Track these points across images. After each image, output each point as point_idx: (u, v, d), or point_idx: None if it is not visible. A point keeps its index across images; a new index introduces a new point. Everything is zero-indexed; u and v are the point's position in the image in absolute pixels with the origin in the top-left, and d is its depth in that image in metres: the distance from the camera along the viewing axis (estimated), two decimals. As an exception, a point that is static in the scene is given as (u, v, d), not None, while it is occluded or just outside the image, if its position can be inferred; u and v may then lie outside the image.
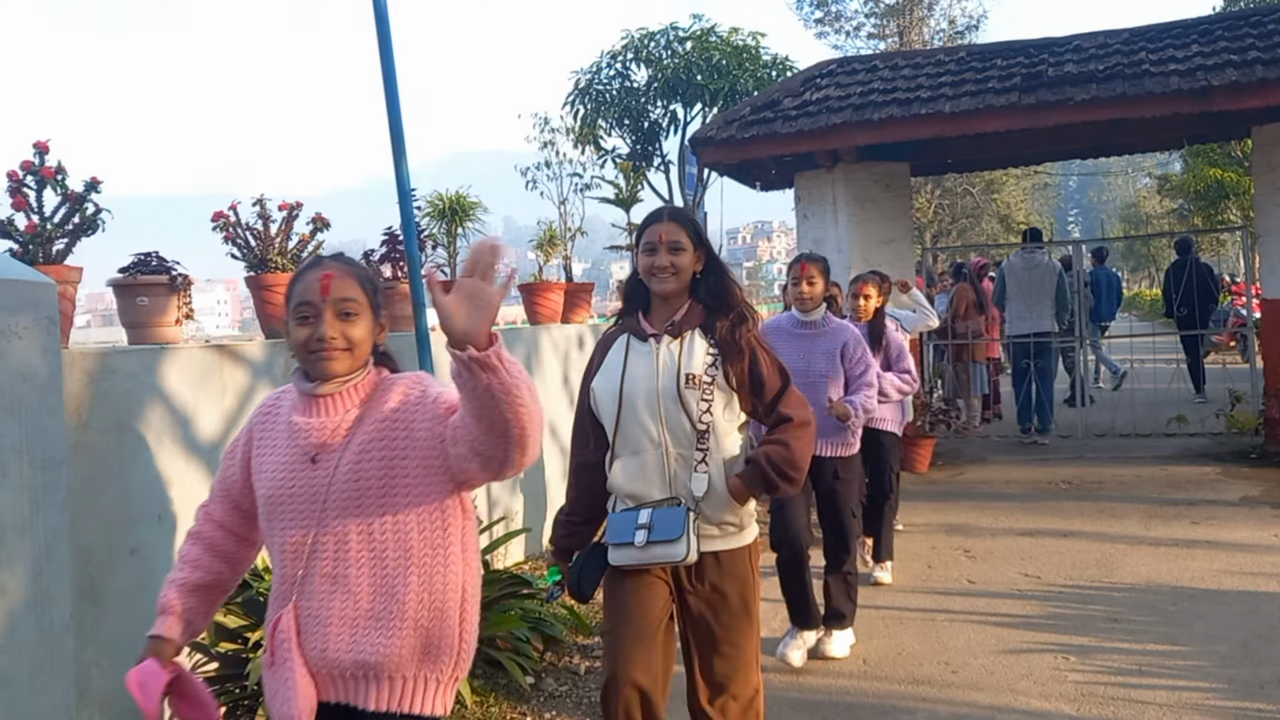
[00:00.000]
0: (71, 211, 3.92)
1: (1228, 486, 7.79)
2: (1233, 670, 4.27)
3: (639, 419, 2.92)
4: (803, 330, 4.72)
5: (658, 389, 2.91)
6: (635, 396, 2.92)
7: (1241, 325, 14.54)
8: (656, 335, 2.97)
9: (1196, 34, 8.61)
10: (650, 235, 2.97)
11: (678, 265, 2.94)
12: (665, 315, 3.00)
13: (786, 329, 4.75)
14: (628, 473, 2.95)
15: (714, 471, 2.91)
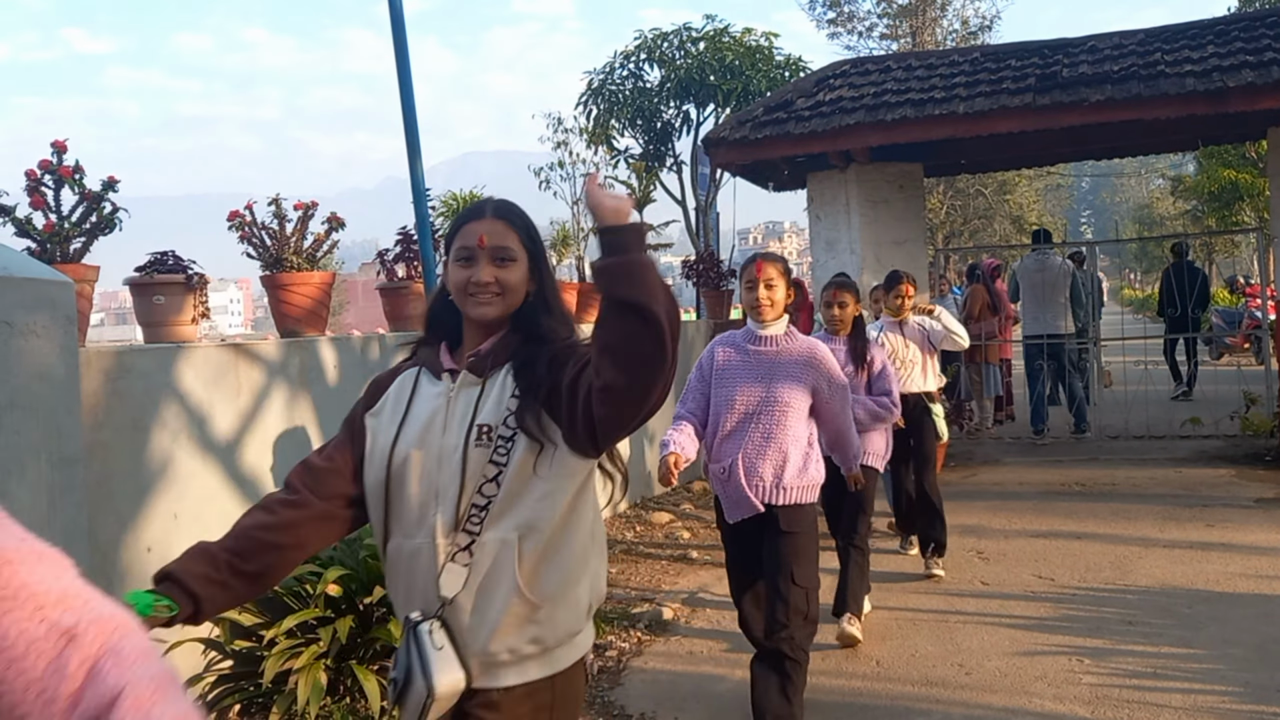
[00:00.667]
0: (89, 211, 3.94)
1: (1242, 489, 7.76)
2: (1248, 674, 4.25)
3: (410, 489, 2.02)
4: (760, 348, 3.84)
5: (439, 447, 2.00)
6: (409, 456, 2.02)
7: (1256, 327, 14.48)
8: (454, 371, 2.07)
9: (1212, 35, 8.57)
10: (467, 239, 2.05)
11: (505, 283, 2.03)
12: (473, 346, 2.09)
13: (739, 346, 3.89)
14: (394, 571, 2.06)
15: (492, 564, 1.95)
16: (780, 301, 3.83)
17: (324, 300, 4.94)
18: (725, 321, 10.16)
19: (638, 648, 4.96)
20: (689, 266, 10.34)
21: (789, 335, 3.86)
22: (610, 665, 4.72)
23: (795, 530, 3.76)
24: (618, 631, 5.13)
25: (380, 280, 5.84)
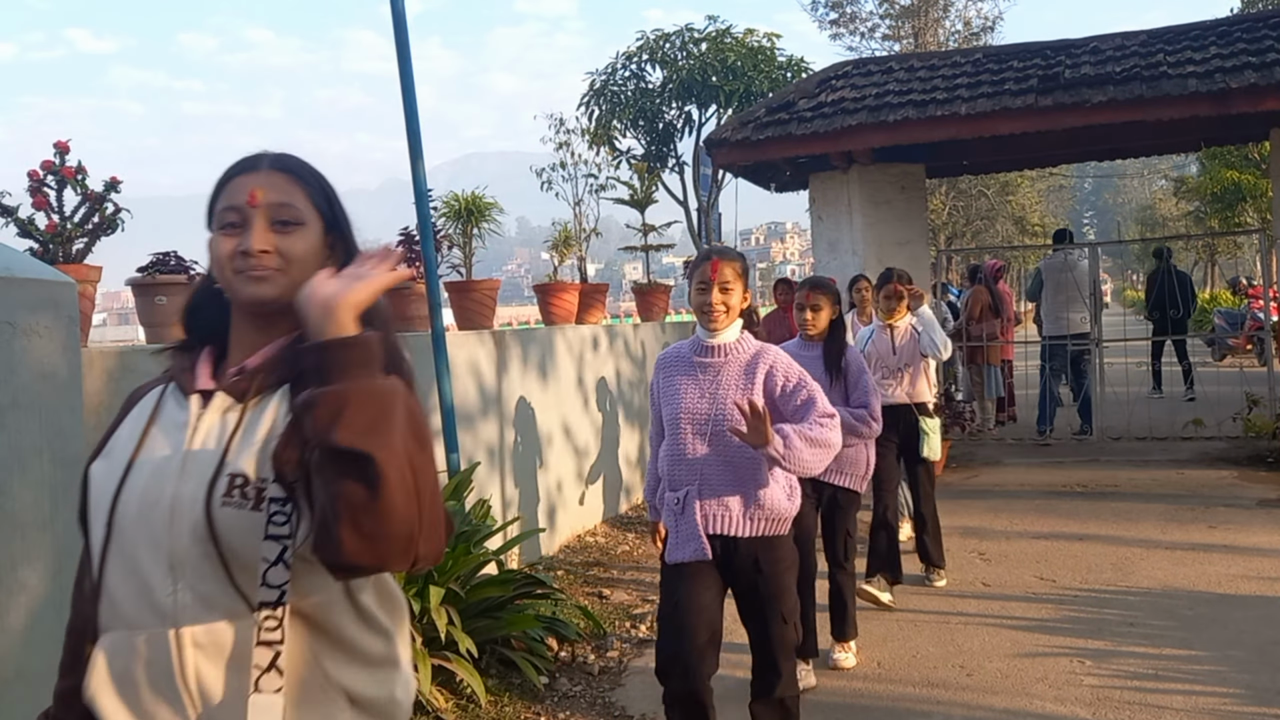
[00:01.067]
0: (91, 211, 3.95)
1: (1245, 490, 7.75)
2: (1250, 675, 4.25)
3: (132, 557, 1.43)
4: (707, 359, 3.34)
5: (170, 500, 1.42)
6: (130, 511, 1.44)
7: (1258, 329, 14.46)
8: (207, 392, 1.50)
9: (1214, 36, 8.57)
10: (234, 197, 1.52)
11: (287, 253, 1.51)
12: (245, 354, 1.53)
13: (685, 359, 3.40)
14: (99, 676, 1.44)
15: (308, 684, 1.41)
16: (735, 307, 3.31)
17: (326, 301, 4.94)
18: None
19: (639, 648, 4.96)
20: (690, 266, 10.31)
21: (741, 343, 3.34)
22: (611, 666, 4.73)
23: (774, 569, 3.29)
24: (619, 632, 5.13)
25: (382, 281, 5.84)
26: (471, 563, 4.45)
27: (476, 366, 6.05)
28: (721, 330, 3.30)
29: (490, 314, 6.45)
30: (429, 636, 4.01)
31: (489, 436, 6.10)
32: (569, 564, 6.48)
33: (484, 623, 4.37)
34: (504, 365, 6.34)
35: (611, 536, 7.18)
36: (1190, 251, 49.53)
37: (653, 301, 9.04)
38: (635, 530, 7.38)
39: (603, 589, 5.88)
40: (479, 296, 6.34)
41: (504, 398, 6.31)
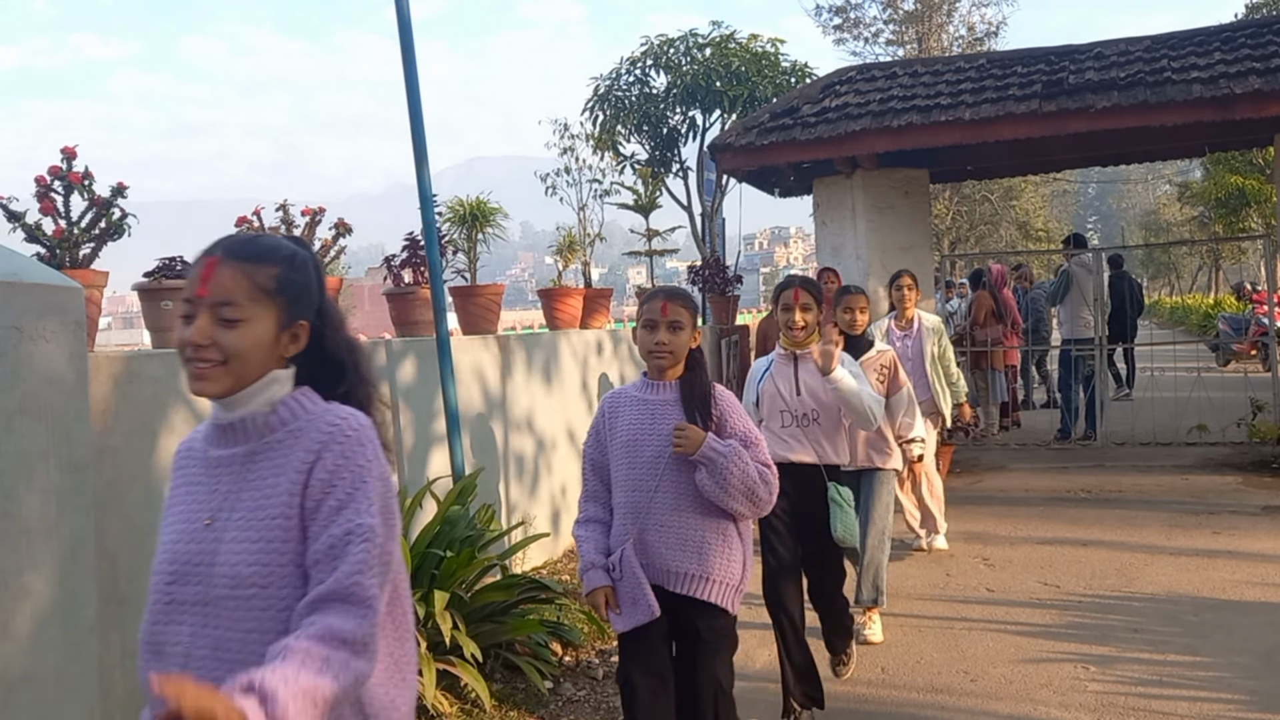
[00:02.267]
0: (98, 216, 3.96)
1: (1249, 496, 7.74)
2: (1255, 682, 4.24)
3: None
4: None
5: None
6: None
7: (1263, 334, 14.45)
8: None
9: (1219, 41, 8.56)
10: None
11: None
12: None
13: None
14: None
15: None
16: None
17: (331, 306, 4.95)
18: (731, 327, 10.17)
19: (643, 653, 4.95)
20: (695, 272, 10.35)
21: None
22: (615, 670, 4.72)
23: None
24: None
25: (387, 286, 5.86)
26: (476, 568, 4.46)
27: (481, 371, 6.05)
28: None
29: (495, 319, 6.46)
30: (434, 641, 4.02)
31: (493, 441, 6.11)
32: (574, 569, 6.48)
33: (488, 627, 4.38)
34: (508, 370, 6.34)
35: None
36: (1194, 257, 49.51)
37: (657, 306, 9.02)
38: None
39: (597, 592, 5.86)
40: (483, 301, 6.35)
41: (508, 402, 6.32)
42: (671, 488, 3.06)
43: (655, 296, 3.14)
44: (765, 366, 4.23)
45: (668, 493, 3.06)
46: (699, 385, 3.12)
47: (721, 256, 12.11)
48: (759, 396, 4.17)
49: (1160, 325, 36.18)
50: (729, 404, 3.15)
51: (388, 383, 5.20)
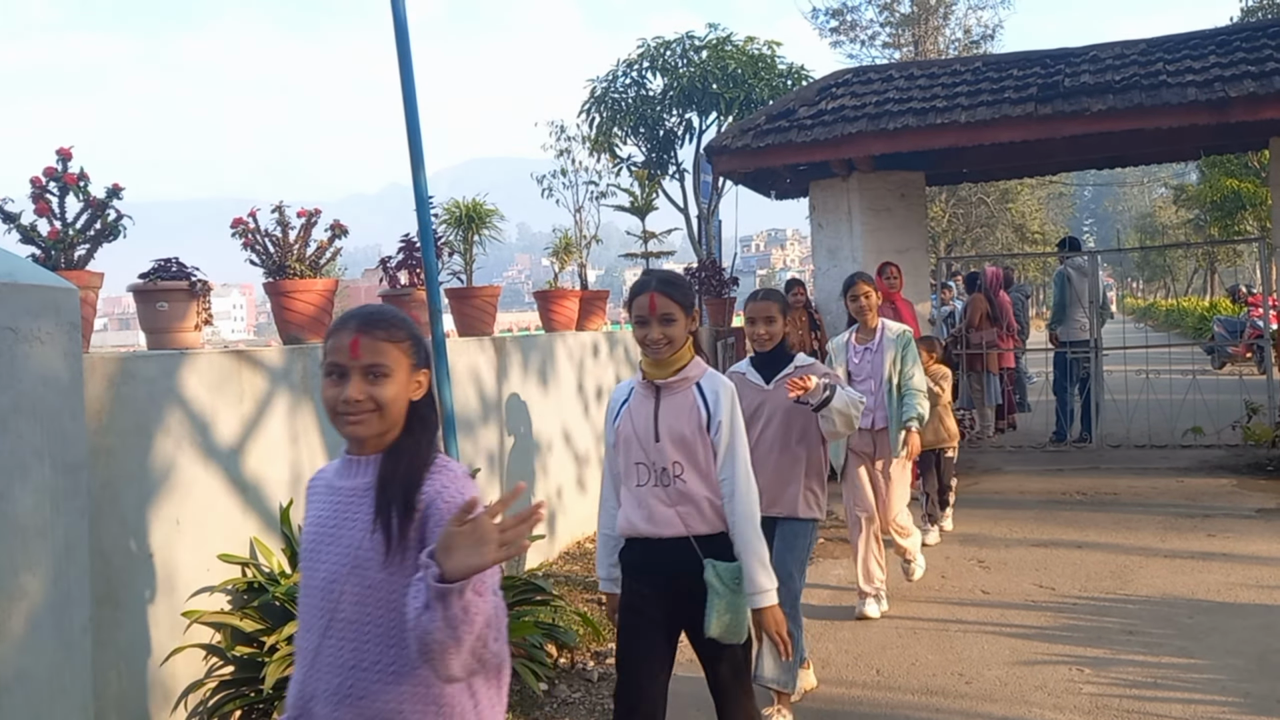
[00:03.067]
0: (94, 218, 3.96)
1: (1244, 498, 7.76)
2: (1249, 684, 4.25)
3: None
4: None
5: None
6: None
7: (1258, 337, 14.48)
8: None
9: (1214, 45, 8.59)
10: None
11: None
12: None
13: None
14: None
15: None
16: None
17: (327, 307, 4.95)
18: (727, 329, 10.17)
19: (638, 655, 4.95)
20: (691, 274, 10.36)
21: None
22: (611, 673, 4.72)
23: None
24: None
25: (383, 287, 5.86)
26: (471, 569, 4.45)
27: (477, 373, 6.06)
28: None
29: (491, 320, 6.46)
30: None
31: (489, 443, 6.11)
32: (569, 570, 6.48)
33: (483, 629, 4.37)
34: (504, 372, 6.34)
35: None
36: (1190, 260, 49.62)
37: (653, 308, 9.03)
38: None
39: (603, 595, 5.87)
40: (479, 303, 6.35)
41: (504, 404, 6.32)
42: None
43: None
44: (623, 397, 3.17)
45: None
46: None
47: (718, 259, 12.11)
48: (615, 439, 3.14)
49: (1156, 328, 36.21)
50: None
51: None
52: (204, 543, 3.98)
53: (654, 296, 2.98)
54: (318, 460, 4.63)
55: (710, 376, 3.08)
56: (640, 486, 3.05)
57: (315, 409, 4.66)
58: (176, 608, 3.82)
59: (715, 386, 3.04)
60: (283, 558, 4.26)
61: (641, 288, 3.04)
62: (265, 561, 4.19)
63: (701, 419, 2.99)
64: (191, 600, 3.87)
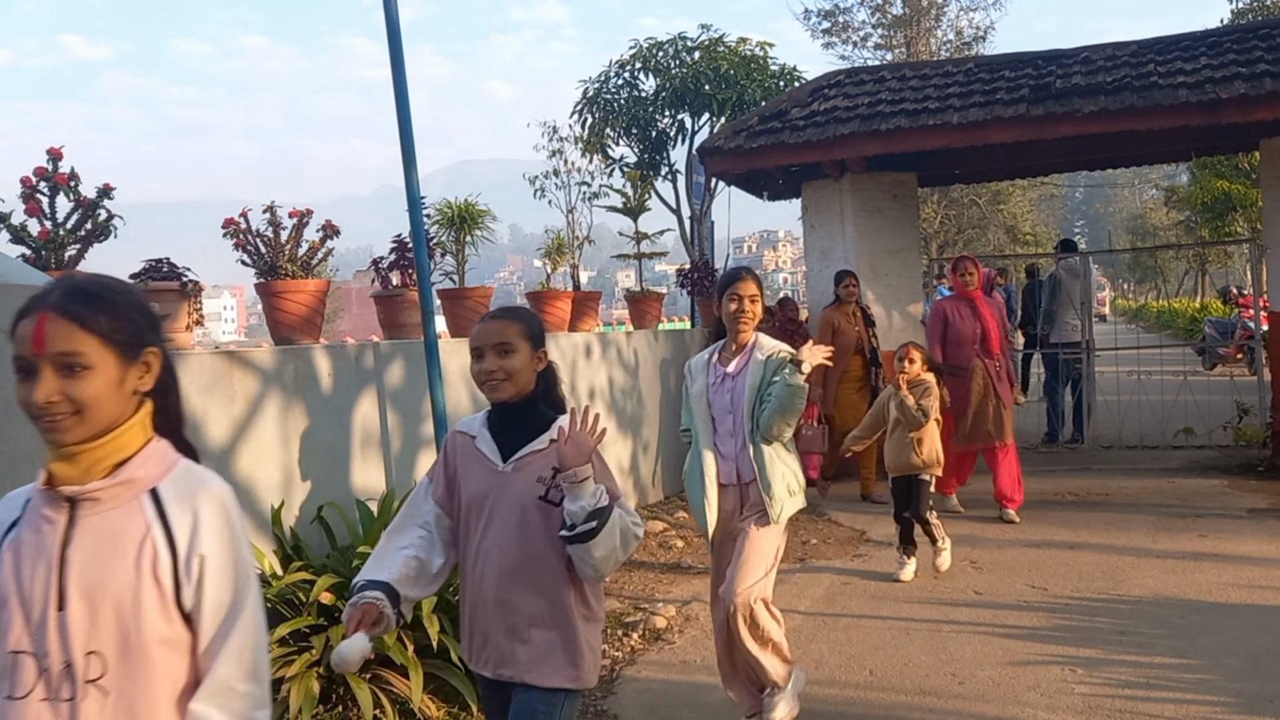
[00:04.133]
0: (84, 218, 3.95)
1: (1235, 499, 7.78)
2: (1241, 684, 4.26)
3: None
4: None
5: None
6: None
7: (1249, 338, 14.53)
8: None
9: (1205, 47, 8.61)
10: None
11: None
12: None
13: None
14: None
15: None
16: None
17: (318, 308, 4.94)
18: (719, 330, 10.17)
19: (631, 656, 4.96)
20: (684, 275, 10.36)
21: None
22: (603, 674, 4.72)
23: None
24: (611, 640, 5.13)
25: (375, 288, 5.85)
26: (464, 570, 4.44)
27: (469, 374, 6.04)
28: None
29: (483, 321, 6.44)
30: (421, 644, 4.01)
31: (481, 444, 6.09)
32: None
33: (476, 631, 4.36)
34: (497, 373, 6.33)
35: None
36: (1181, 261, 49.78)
37: (645, 309, 9.04)
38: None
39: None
40: (472, 304, 6.34)
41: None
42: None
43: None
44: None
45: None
46: None
47: (710, 260, 12.12)
48: None
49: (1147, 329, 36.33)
50: None
51: (375, 385, 5.18)
52: (195, 544, 3.95)
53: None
54: (309, 462, 4.62)
55: None
56: None
57: (307, 409, 4.64)
58: (167, 610, 3.80)
59: None
60: (274, 559, 4.24)
61: None
62: (257, 563, 4.18)
63: None
64: (183, 602, 3.85)
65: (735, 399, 3.97)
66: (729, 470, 3.97)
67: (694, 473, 4.07)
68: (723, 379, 4.02)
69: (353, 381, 4.99)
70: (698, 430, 4.06)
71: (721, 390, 4.02)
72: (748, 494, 3.97)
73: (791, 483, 3.96)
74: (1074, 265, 11.10)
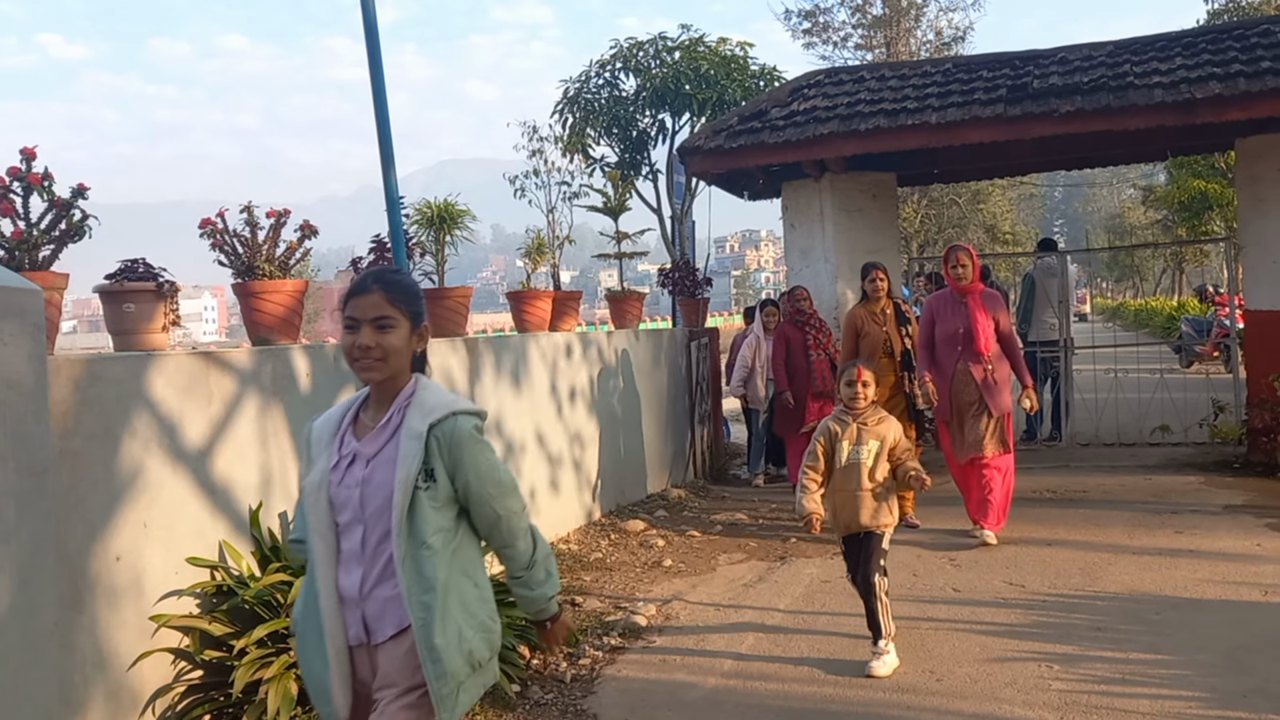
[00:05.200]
0: (58, 218, 3.92)
1: (1211, 495, 7.84)
2: (1215, 679, 4.29)
3: None
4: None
5: None
6: None
7: (1225, 336, 14.65)
8: None
9: (1180, 47, 8.68)
10: None
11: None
12: None
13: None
14: None
15: None
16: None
17: (296, 308, 4.93)
18: (701, 329, 10.19)
19: (611, 655, 4.96)
20: (665, 275, 10.38)
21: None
22: (584, 673, 4.73)
23: None
24: (591, 639, 5.13)
25: (353, 288, 5.82)
26: (443, 571, 4.43)
27: (449, 374, 6.04)
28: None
29: (463, 321, 6.44)
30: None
31: (461, 444, 6.08)
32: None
33: (455, 631, 4.35)
34: (477, 373, 6.33)
35: (585, 544, 7.18)
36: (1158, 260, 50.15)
37: (626, 309, 9.05)
38: (608, 537, 7.38)
39: (575, 596, 5.88)
40: (451, 304, 6.33)
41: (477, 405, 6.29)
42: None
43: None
44: None
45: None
46: None
47: (691, 259, 12.15)
48: None
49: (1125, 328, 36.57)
50: None
51: (355, 386, 5.17)
52: (172, 546, 3.94)
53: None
54: (288, 462, 4.61)
55: None
56: None
57: (285, 410, 4.63)
58: (144, 612, 3.78)
59: None
60: (252, 560, 4.23)
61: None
62: (235, 564, 4.16)
63: None
64: (160, 604, 3.84)
65: (370, 492, 2.44)
66: (353, 621, 2.45)
67: (307, 622, 2.48)
68: (352, 458, 2.49)
69: (332, 382, 4.97)
70: (313, 547, 2.47)
71: (351, 474, 2.48)
72: (383, 659, 2.44)
73: (476, 644, 2.48)
74: (1051, 264, 11.18)
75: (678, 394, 9.59)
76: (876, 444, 4.75)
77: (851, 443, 4.76)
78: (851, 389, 4.80)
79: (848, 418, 4.83)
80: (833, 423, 4.87)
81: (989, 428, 6.73)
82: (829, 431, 4.85)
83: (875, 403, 4.88)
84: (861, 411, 4.80)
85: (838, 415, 4.89)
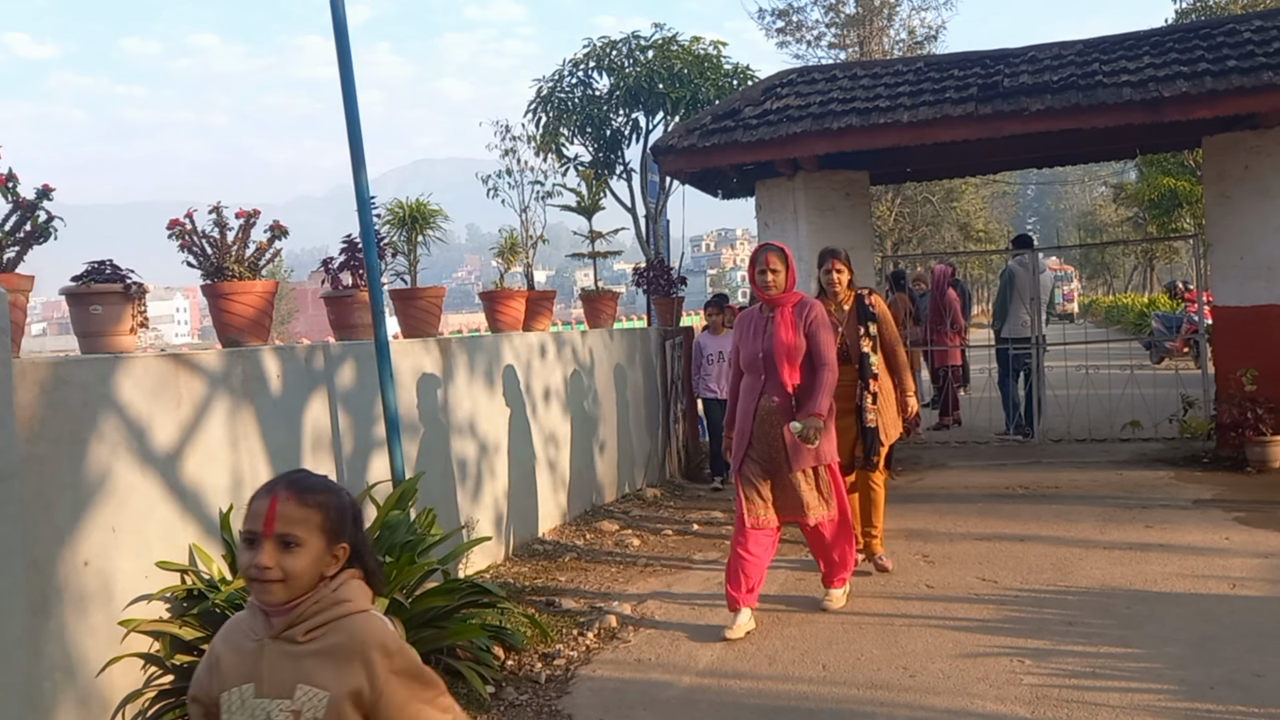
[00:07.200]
0: (23, 219, 3.88)
1: (1180, 490, 7.92)
2: (1184, 671, 4.34)
3: None
4: None
5: None
6: None
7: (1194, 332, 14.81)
8: None
9: (1148, 46, 8.76)
10: None
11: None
12: None
13: None
14: None
15: None
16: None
17: (267, 309, 4.90)
18: (675, 329, 10.20)
19: (586, 655, 4.96)
20: (639, 274, 10.38)
21: None
22: (558, 674, 4.72)
23: None
24: (566, 639, 5.13)
25: (326, 289, 5.80)
26: (416, 573, 4.43)
27: (421, 374, 6.01)
28: None
29: (436, 321, 6.42)
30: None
31: (435, 445, 6.07)
32: (517, 572, 6.46)
33: (429, 633, 4.34)
34: (450, 373, 6.31)
35: (559, 544, 7.17)
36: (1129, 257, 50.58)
37: (601, 308, 9.05)
38: (583, 537, 7.37)
39: (550, 597, 5.87)
40: (424, 304, 6.31)
41: (450, 406, 6.28)
42: None
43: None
44: None
45: None
46: None
47: (666, 258, 12.16)
48: None
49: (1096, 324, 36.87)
50: None
51: (326, 387, 5.14)
52: (142, 550, 3.91)
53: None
54: (258, 465, 4.58)
55: None
56: None
57: (256, 412, 4.60)
58: (114, 617, 3.75)
59: None
60: (223, 564, 4.20)
61: None
62: (205, 568, 4.13)
63: None
64: (129, 609, 3.81)
65: None
66: None
67: None
68: None
69: (303, 383, 4.95)
70: None
71: None
72: None
73: None
74: (1025, 261, 11.26)
75: (652, 393, 9.59)
76: None
77: None
78: None
79: None
80: None
81: (809, 483, 5.29)
82: None
83: None
84: None
85: None
